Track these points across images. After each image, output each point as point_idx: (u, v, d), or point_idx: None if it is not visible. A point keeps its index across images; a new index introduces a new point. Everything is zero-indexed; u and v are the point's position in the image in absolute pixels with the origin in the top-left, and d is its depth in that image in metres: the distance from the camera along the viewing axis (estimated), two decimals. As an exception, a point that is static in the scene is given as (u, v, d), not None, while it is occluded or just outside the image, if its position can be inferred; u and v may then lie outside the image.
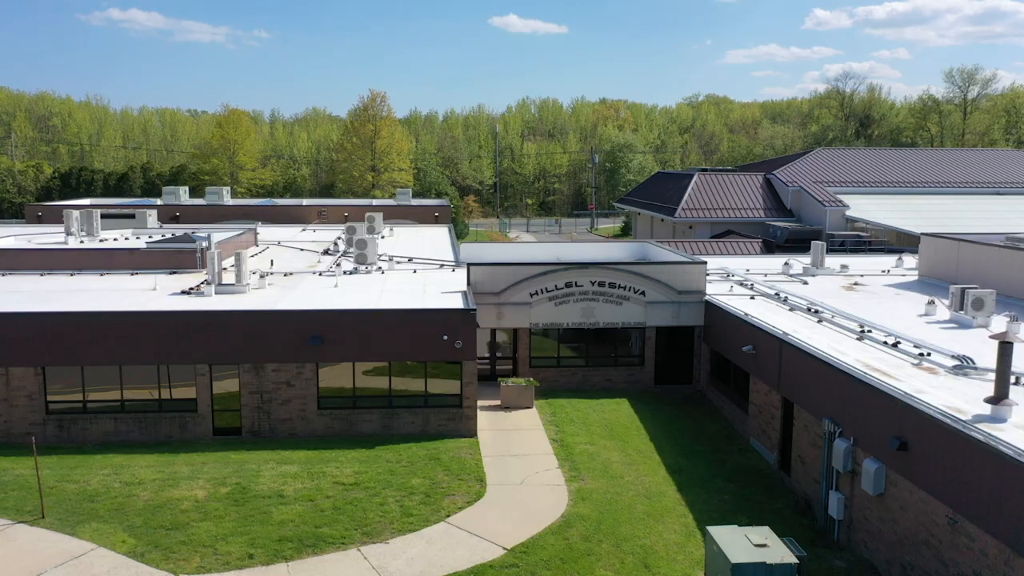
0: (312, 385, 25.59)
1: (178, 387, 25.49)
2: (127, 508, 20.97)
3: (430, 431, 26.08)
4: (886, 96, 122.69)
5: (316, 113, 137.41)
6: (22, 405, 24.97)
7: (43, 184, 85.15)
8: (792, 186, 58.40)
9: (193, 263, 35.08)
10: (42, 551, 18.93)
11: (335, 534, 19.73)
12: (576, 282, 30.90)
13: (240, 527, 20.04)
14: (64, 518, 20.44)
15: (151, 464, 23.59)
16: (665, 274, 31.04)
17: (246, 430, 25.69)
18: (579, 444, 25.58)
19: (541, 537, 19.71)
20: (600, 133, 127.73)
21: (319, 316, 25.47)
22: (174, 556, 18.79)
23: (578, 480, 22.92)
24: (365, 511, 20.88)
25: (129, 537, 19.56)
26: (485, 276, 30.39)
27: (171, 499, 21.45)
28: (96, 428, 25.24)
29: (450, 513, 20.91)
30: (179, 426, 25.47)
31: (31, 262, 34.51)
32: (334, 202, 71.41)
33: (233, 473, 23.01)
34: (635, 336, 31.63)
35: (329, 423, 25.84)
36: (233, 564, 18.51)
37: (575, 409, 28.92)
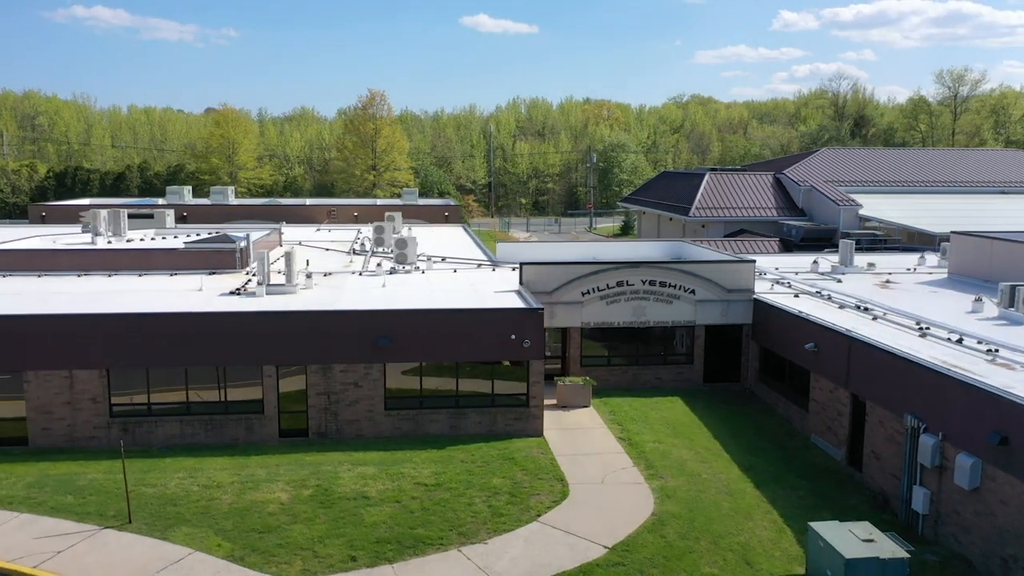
0: (379, 386, 25.41)
1: (244, 389, 25.19)
2: (212, 511, 20.70)
3: (497, 431, 26.01)
4: (870, 96, 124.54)
5: (305, 112, 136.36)
6: (86, 409, 24.53)
7: (37, 184, 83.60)
8: (803, 185, 59.00)
9: (232, 263, 34.71)
10: (138, 556, 18.64)
11: (432, 535, 19.64)
12: (627, 281, 30.99)
13: (333, 529, 19.87)
14: (151, 523, 20.13)
15: (224, 467, 23.30)
16: (715, 273, 31.23)
17: (313, 431, 25.46)
18: (647, 443, 25.65)
19: (638, 535, 19.77)
20: (592, 133, 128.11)
21: (387, 316, 25.30)
22: (274, 559, 18.59)
23: (658, 478, 23.00)
24: (455, 512, 20.79)
25: (223, 541, 19.31)
26: (538, 275, 30.37)
27: (255, 502, 21.21)
28: (161, 431, 24.86)
29: (540, 512, 20.89)
30: (245, 428, 25.17)
31: (67, 263, 33.93)
32: (343, 202, 70.94)
33: (311, 475, 22.79)
34: (683, 335, 31.79)
35: (396, 424, 25.68)
36: (336, 567, 18.36)
37: (632, 408, 29.01)
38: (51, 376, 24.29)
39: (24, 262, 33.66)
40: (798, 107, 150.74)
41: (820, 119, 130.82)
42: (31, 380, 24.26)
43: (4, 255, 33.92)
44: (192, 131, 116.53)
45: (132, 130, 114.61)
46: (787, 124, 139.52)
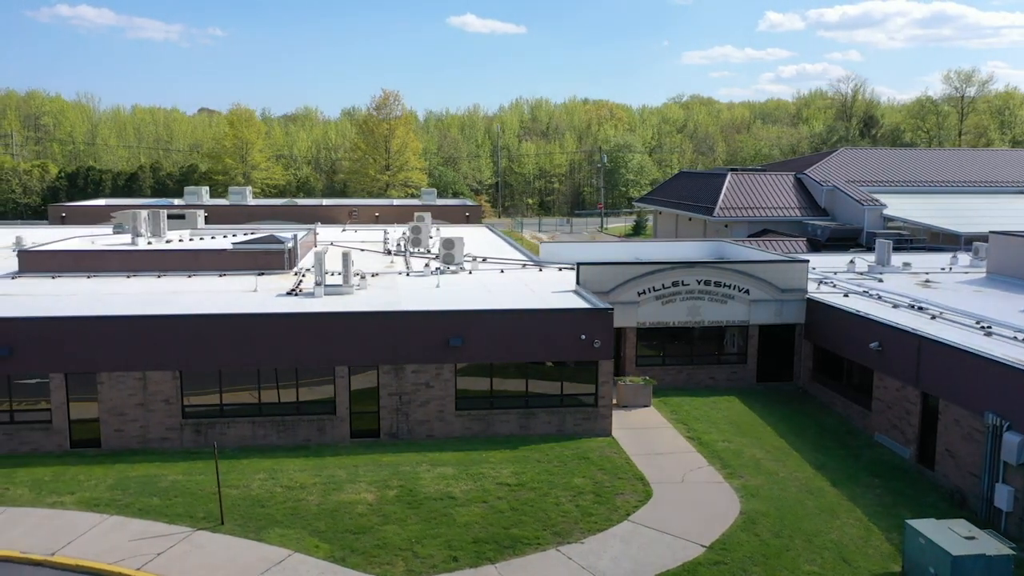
0: (450, 386, 25.43)
1: (316, 390, 25.15)
2: (301, 512, 20.68)
3: (566, 431, 26.07)
4: (875, 98, 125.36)
5: (308, 112, 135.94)
6: (159, 410, 24.43)
7: (49, 184, 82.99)
8: (826, 185, 59.32)
9: (280, 264, 34.63)
10: (239, 558, 18.60)
11: (527, 535, 19.68)
12: (683, 281, 31.10)
13: (428, 530, 19.88)
14: (243, 524, 20.09)
15: (303, 468, 23.27)
16: (769, 273, 31.39)
17: (384, 432, 25.43)
18: (717, 442, 25.77)
19: (732, 534, 19.87)
20: (596, 133, 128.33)
21: (460, 316, 25.32)
22: (375, 560, 18.59)
23: (737, 477, 23.11)
24: (545, 511, 20.84)
25: (320, 542, 19.29)
26: (594, 275, 30.43)
27: (342, 503, 21.19)
28: (234, 432, 24.79)
29: (628, 512, 20.96)
30: (317, 429, 25.13)
31: (115, 263, 33.77)
32: (363, 202, 70.83)
33: (392, 476, 22.78)
34: (737, 334, 31.93)
35: (467, 424, 25.70)
36: (440, 567, 18.37)
37: (692, 407, 29.12)
38: (124, 377, 24.18)
39: (72, 263, 33.48)
40: (798, 107, 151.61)
41: (822, 120, 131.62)
42: (104, 381, 24.15)
43: (53, 256, 33.74)
44: (197, 131, 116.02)
45: (137, 130, 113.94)
46: (789, 124, 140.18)
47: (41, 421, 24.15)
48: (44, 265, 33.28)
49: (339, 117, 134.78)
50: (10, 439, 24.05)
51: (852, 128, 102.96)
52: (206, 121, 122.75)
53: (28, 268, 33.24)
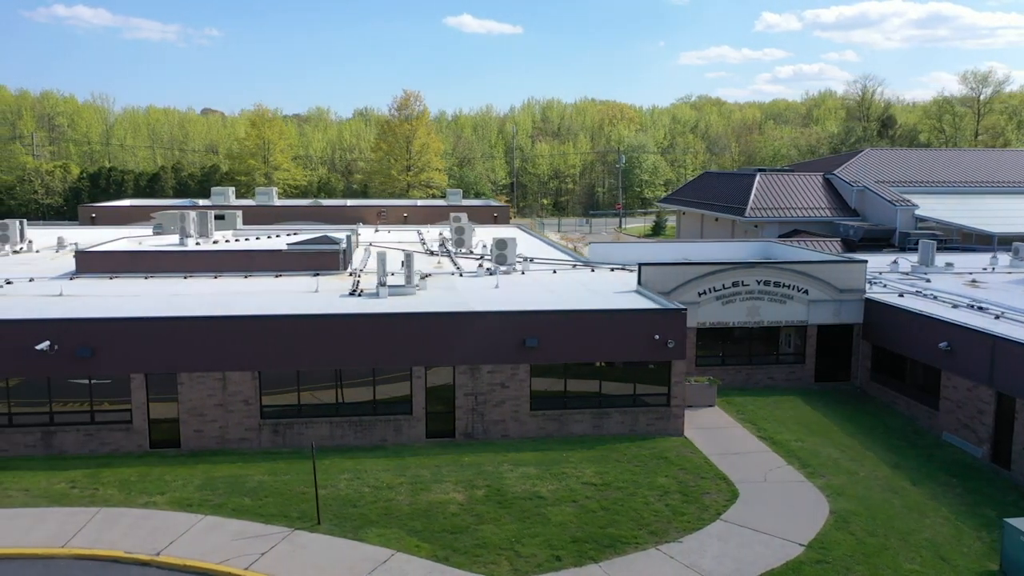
0: (525, 386, 25.51)
1: (392, 390, 25.23)
2: (394, 512, 20.75)
3: (639, 430, 26.17)
4: (887, 98, 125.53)
5: (320, 112, 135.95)
6: (238, 410, 24.50)
7: (71, 185, 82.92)
8: (856, 186, 59.46)
9: (336, 264, 34.72)
10: (344, 557, 18.66)
11: (624, 534, 19.76)
12: (743, 281, 31.21)
13: (524, 529, 19.96)
14: (339, 524, 20.16)
15: (386, 468, 23.34)
16: (828, 273, 31.50)
17: (459, 432, 25.51)
18: (790, 441, 25.87)
19: (827, 533, 19.96)
20: (608, 133, 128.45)
21: (535, 317, 25.41)
22: (479, 560, 18.66)
23: (818, 477, 23.21)
24: (636, 511, 20.93)
25: (420, 542, 19.36)
26: (656, 276, 30.52)
27: (433, 502, 21.26)
28: (311, 432, 24.84)
29: (718, 511, 21.05)
30: (393, 429, 25.20)
31: (171, 264, 33.85)
32: (391, 203, 70.91)
33: (476, 476, 22.87)
34: (795, 334, 32.03)
35: (541, 424, 25.78)
36: (544, 566, 18.46)
37: (757, 407, 29.22)
38: (204, 378, 24.25)
39: (128, 263, 33.55)
40: (808, 108, 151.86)
41: (833, 120, 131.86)
42: (184, 382, 24.22)
43: (110, 257, 33.81)
44: (212, 132, 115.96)
45: (151, 131, 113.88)
46: (800, 125, 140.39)
47: (121, 421, 24.21)
48: (101, 266, 33.34)
49: (351, 117, 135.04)
50: (91, 439, 24.11)
51: (870, 129, 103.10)
52: (219, 121, 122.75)
53: (85, 269, 33.30)
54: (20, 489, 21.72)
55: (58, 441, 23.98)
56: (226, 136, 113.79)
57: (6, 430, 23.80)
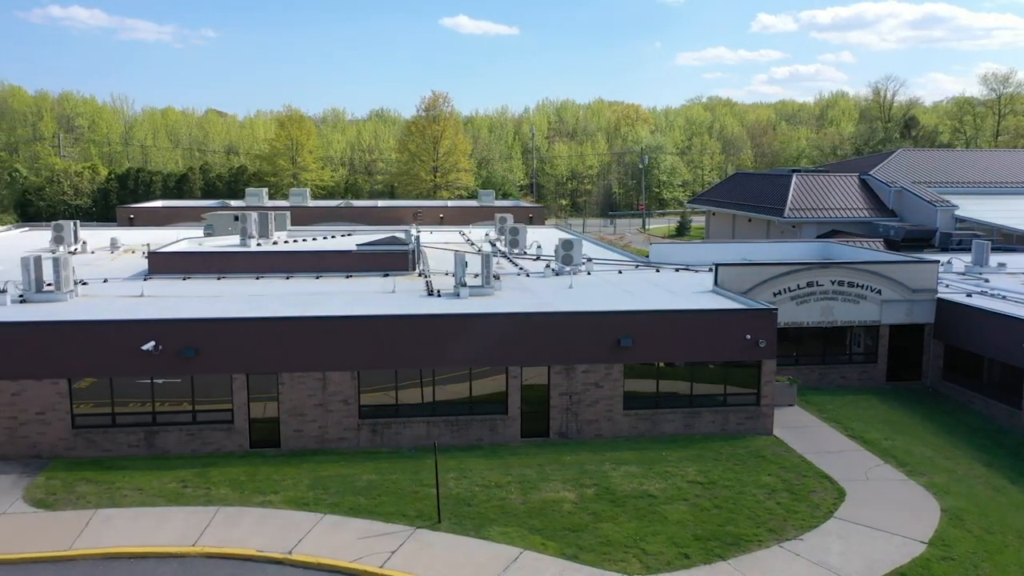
0: (619, 386, 25.68)
1: (487, 390, 25.39)
2: (509, 511, 20.90)
3: (729, 429, 26.34)
4: (909, 98, 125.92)
5: (336, 113, 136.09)
6: (338, 410, 24.64)
7: (99, 186, 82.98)
8: (893, 187, 59.72)
9: (405, 265, 34.87)
10: (474, 555, 18.81)
11: (745, 532, 19.92)
12: (817, 281, 31.40)
13: (644, 527, 20.12)
14: (459, 522, 20.30)
15: (490, 467, 23.47)
16: (901, 273, 31.71)
17: (553, 431, 25.67)
18: (880, 440, 26.05)
19: (945, 531, 20.12)
20: (624, 134, 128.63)
21: (630, 317, 25.58)
22: (608, 557, 18.82)
23: (919, 475, 23.38)
24: (750, 509, 21.10)
25: (545, 540, 19.51)
26: (732, 276, 30.70)
27: (546, 501, 21.42)
28: (409, 432, 24.99)
29: (830, 510, 21.21)
30: (489, 428, 25.35)
31: (243, 265, 33.98)
32: (426, 203, 71.13)
33: (581, 474, 23.03)
34: (867, 334, 32.23)
35: (634, 424, 25.95)
36: (674, 563, 18.62)
37: (837, 406, 29.40)
38: (305, 378, 24.39)
39: (201, 264, 33.68)
40: (821, 109, 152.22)
41: (846, 121, 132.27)
42: (285, 382, 24.36)
43: (183, 258, 33.97)
44: (231, 133, 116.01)
45: (171, 132, 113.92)
46: (815, 126, 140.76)
47: (223, 421, 24.34)
48: (173, 266, 33.48)
49: (366, 117, 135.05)
50: (192, 439, 24.24)
51: (892, 129, 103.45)
52: (236, 123, 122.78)
53: (158, 269, 33.42)
54: (134, 488, 21.85)
55: (160, 441, 24.11)
56: (246, 137, 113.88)
57: (110, 430, 23.93)
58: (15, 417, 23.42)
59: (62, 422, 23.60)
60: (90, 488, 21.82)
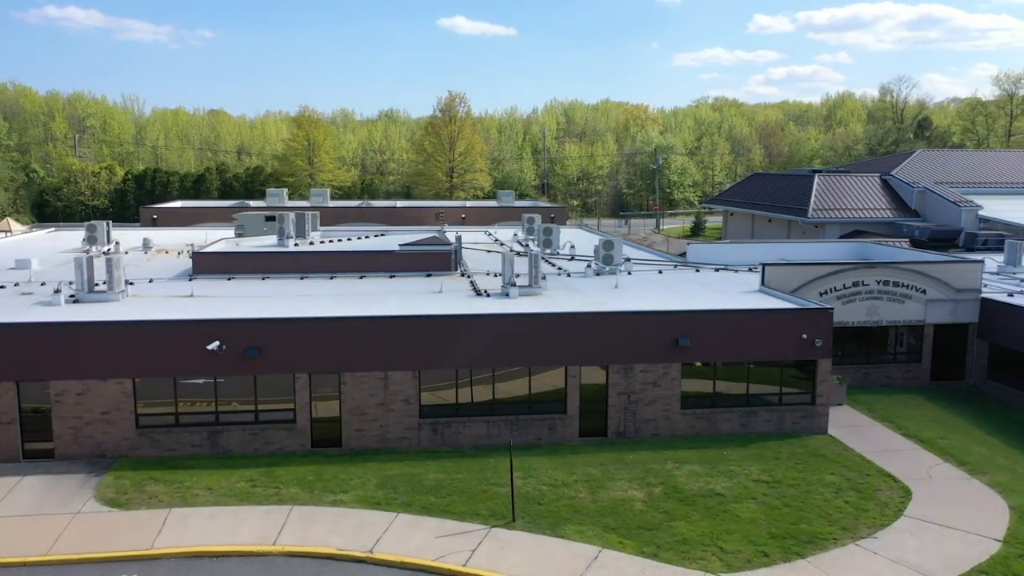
0: (676, 385, 25.78)
1: (546, 389, 25.48)
2: (581, 509, 20.99)
3: (784, 428, 26.45)
4: (922, 98, 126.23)
5: (345, 113, 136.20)
6: (399, 410, 24.71)
7: (116, 186, 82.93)
8: (916, 187, 59.85)
9: (447, 265, 34.96)
10: (554, 554, 18.90)
11: (819, 531, 20.02)
12: (863, 281, 31.53)
13: (717, 526, 20.21)
14: (533, 521, 20.39)
15: (554, 466, 23.56)
16: (946, 273, 31.85)
17: (611, 431, 25.77)
18: (936, 439, 26.15)
19: (1017, 528, 20.21)
20: (634, 134, 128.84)
21: (687, 317, 25.67)
22: (687, 556, 18.91)
23: (981, 474, 23.49)
24: (819, 507, 21.21)
25: (622, 539, 19.60)
26: (779, 276, 30.82)
27: (616, 500, 21.51)
28: (468, 431, 25.08)
29: (899, 508, 21.31)
30: (548, 428, 25.44)
31: (287, 265, 34.07)
32: (447, 204, 71.23)
33: (645, 474, 23.12)
34: (911, 334, 32.36)
35: (691, 423, 26.06)
36: (754, 561, 18.71)
37: (886, 406, 29.52)
38: (367, 377, 24.46)
39: (245, 264, 33.76)
40: (828, 110, 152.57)
41: (856, 122, 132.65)
42: (348, 382, 24.43)
43: (228, 258, 34.03)
44: (242, 133, 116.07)
45: (182, 133, 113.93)
46: (823, 127, 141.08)
47: (285, 421, 24.41)
48: (218, 266, 33.54)
49: (375, 118, 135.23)
50: (255, 438, 24.31)
51: (906, 130, 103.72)
52: (246, 124, 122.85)
53: (202, 269, 33.48)
54: (203, 488, 21.92)
55: (224, 440, 24.18)
56: (256, 137, 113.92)
57: (174, 430, 24.00)
58: (80, 417, 23.49)
59: (127, 422, 23.66)
60: (160, 488, 21.89)
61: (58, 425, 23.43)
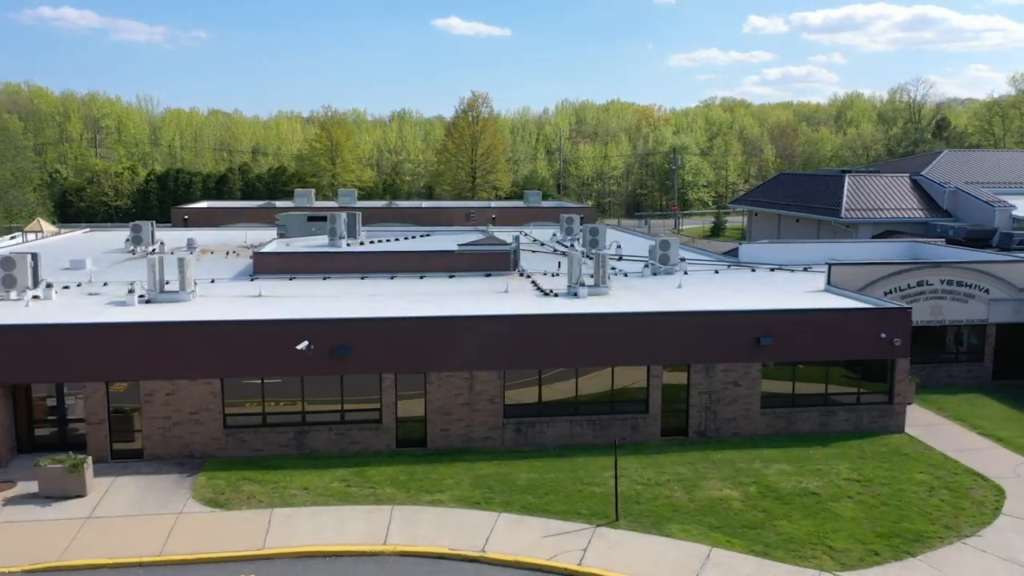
0: (756, 385, 25.83)
1: (627, 388, 25.52)
2: (680, 508, 21.02)
3: (862, 427, 26.51)
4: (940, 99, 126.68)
5: (358, 114, 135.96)
6: (484, 410, 24.72)
7: (139, 187, 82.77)
8: (948, 187, 60.00)
9: (506, 265, 34.98)
10: (667, 553, 18.92)
11: (923, 529, 20.06)
12: (927, 281, 31.62)
13: (821, 524, 20.24)
14: (636, 520, 20.41)
15: (643, 465, 23.56)
16: (1010, 272, 31.96)
17: (692, 430, 25.81)
18: (1014, 438, 26.21)
19: (1119, 526, 20.35)
20: (646, 135, 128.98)
21: (767, 316, 25.72)
22: (798, 554, 18.94)
23: (1068, 471, 23.63)
24: (917, 506, 21.25)
25: (729, 537, 19.63)
26: (845, 275, 30.88)
27: (713, 499, 21.55)
28: (552, 431, 25.09)
29: (996, 507, 21.35)
30: (630, 427, 25.47)
31: (347, 265, 34.03)
32: (477, 204, 71.03)
33: (736, 473, 23.16)
34: (971, 332, 32.46)
35: (771, 422, 26.10)
36: (866, 559, 18.75)
37: (953, 405, 29.58)
38: (452, 377, 24.47)
39: (305, 264, 33.75)
40: (838, 110, 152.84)
41: (867, 122, 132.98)
42: (433, 381, 24.43)
43: (288, 258, 34.02)
44: (257, 134, 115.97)
45: (196, 133, 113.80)
46: (834, 127, 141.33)
47: (371, 421, 24.41)
48: (279, 267, 33.54)
49: (390, 117, 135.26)
50: (341, 438, 24.30)
51: (924, 130, 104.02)
52: (261, 124, 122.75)
53: (263, 269, 33.46)
54: (299, 488, 21.90)
55: (310, 440, 24.17)
56: (272, 138, 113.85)
57: (261, 430, 23.99)
58: (169, 417, 23.47)
59: (215, 422, 23.64)
60: (256, 488, 21.87)
61: (147, 425, 23.40)
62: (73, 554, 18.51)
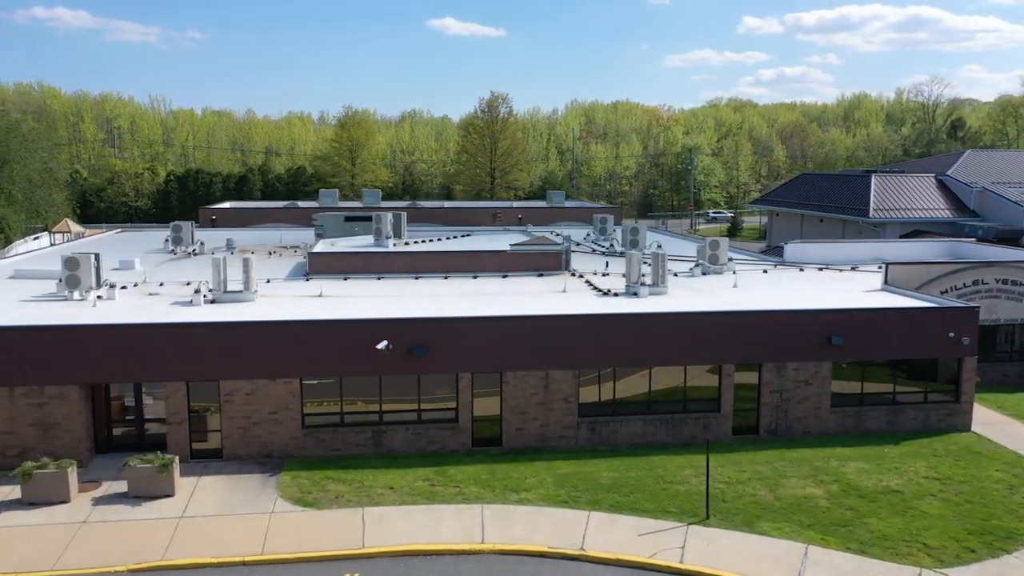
0: (826, 383, 25.94)
1: (700, 387, 25.63)
2: (767, 506, 21.13)
3: (930, 426, 26.64)
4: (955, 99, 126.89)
5: (367, 114, 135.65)
6: (559, 409, 24.80)
7: (159, 187, 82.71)
8: (975, 187, 60.23)
9: (558, 265, 35.07)
10: (764, 551, 19.02)
11: (1013, 527, 20.17)
12: (982, 280, 31.77)
13: (910, 522, 20.35)
14: (726, 518, 20.51)
15: (721, 464, 23.57)
16: (1063, 271, 32.14)
17: (763, 429, 25.91)
18: (1081, 436, 26.45)
19: None
20: (657, 135, 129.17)
21: (838, 315, 25.83)
22: (894, 551, 19.05)
23: None
24: (1001, 503, 21.36)
25: (823, 535, 19.73)
26: (901, 274, 31.03)
27: (798, 497, 21.66)
28: (625, 430, 25.19)
29: (1079, 504, 21.55)
30: (702, 426, 25.56)
31: (401, 265, 34.11)
32: (500, 204, 71.08)
33: (815, 471, 23.27)
34: (1022, 331, 32.64)
35: (840, 420, 26.21)
36: (964, 557, 18.86)
37: (1013, 403, 29.73)
38: (528, 376, 24.55)
39: (361, 264, 33.82)
40: (845, 111, 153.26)
41: (875, 122, 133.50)
42: (509, 381, 24.51)
43: (343, 258, 34.08)
44: (271, 134, 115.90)
45: (209, 133, 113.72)
46: (841, 127, 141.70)
47: (447, 420, 24.47)
48: (333, 267, 33.59)
49: (400, 117, 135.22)
50: (418, 438, 24.36)
51: (940, 131, 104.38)
52: (274, 124, 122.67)
53: (318, 270, 33.52)
54: (384, 487, 21.96)
55: (387, 440, 24.22)
56: (285, 138, 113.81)
57: (339, 429, 24.04)
58: (248, 417, 23.51)
59: (294, 421, 23.70)
60: (342, 487, 21.92)
61: (227, 425, 23.45)
62: (175, 553, 18.56)
